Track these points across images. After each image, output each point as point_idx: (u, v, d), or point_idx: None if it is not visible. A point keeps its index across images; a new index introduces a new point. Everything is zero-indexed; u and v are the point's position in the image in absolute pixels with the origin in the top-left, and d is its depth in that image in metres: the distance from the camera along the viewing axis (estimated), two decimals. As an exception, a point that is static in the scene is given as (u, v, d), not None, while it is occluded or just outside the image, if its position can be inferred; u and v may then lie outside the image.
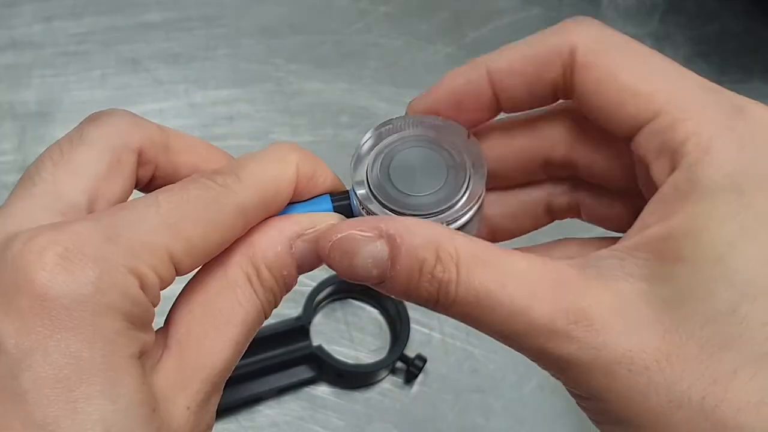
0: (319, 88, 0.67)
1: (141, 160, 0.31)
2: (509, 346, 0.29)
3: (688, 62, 0.70)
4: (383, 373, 0.57)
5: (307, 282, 0.60)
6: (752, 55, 0.70)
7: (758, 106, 0.29)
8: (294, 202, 0.32)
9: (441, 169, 0.32)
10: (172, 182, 0.31)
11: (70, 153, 0.30)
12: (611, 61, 0.30)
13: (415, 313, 0.59)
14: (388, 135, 0.34)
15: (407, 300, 0.30)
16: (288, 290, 0.32)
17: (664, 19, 0.72)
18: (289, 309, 0.58)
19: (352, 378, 0.57)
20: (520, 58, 0.32)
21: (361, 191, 0.33)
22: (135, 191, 0.32)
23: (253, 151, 0.68)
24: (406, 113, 0.35)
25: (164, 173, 0.32)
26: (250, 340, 0.31)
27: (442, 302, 0.29)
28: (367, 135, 0.34)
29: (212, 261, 0.30)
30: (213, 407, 0.30)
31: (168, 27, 0.69)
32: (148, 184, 0.32)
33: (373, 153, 0.34)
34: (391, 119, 0.34)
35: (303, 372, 0.57)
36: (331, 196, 0.33)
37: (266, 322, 0.60)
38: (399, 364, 0.57)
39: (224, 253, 0.30)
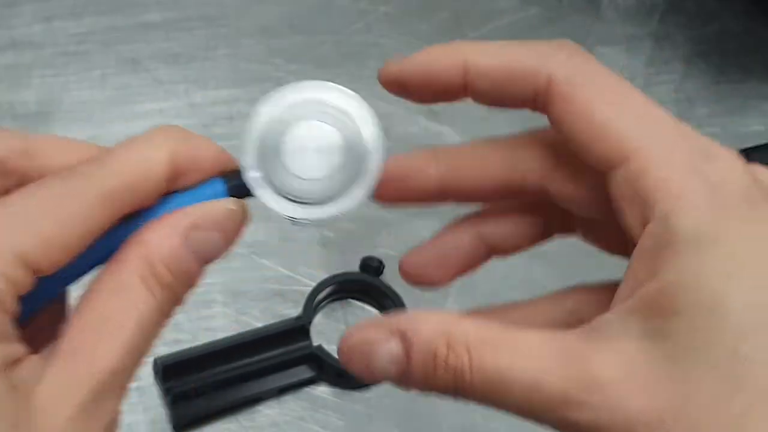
0: (319, 88, 0.67)
1: (1, 170, 0.30)
2: (533, 421, 0.29)
3: (687, 62, 0.70)
4: (383, 373, 0.57)
5: (307, 282, 0.60)
6: (752, 55, 0.70)
7: (727, 152, 0.30)
8: (183, 190, 0.30)
9: (336, 150, 0.32)
10: None
11: None
12: (587, 96, 0.30)
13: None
14: (279, 102, 0.32)
15: (429, 393, 0.30)
16: (192, 285, 0.31)
17: (664, 19, 0.72)
18: (289, 309, 0.58)
19: (353, 378, 0.57)
20: (498, 66, 0.32)
21: (256, 175, 0.31)
22: None
23: (253, 151, 0.68)
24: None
25: (31, 179, 0.30)
26: (152, 340, 0.30)
27: (460, 389, 0.29)
28: (261, 105, 0.32)
29: (106, 268, 0.29)
30: (108, 415, 0.28)
31: (168, 27, 0.69)
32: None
33: (261, 127, 0.32)
34: (286, 86, 0.33)
35: (303, 372, 0.57)
36: (223, 178, 0.31)
37: (266, 322, 0.60)
38: (399, 364, 0.57)
39: (116, 256, 0.29)
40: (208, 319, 0.58)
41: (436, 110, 0.67)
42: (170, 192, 0.30)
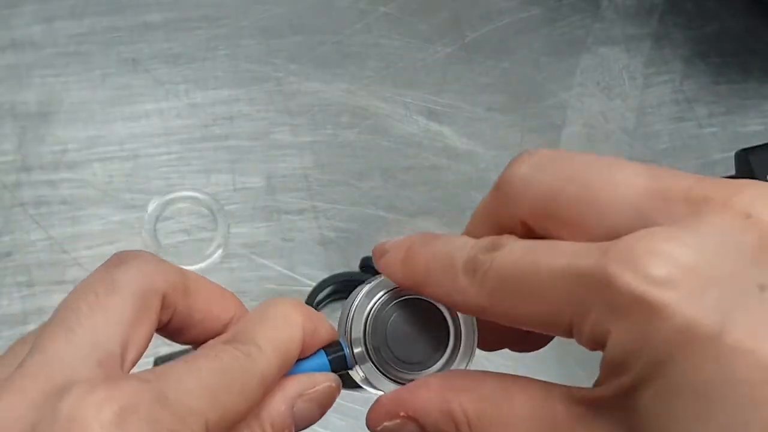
0: (319, 88, 0.67)
1: (163, 304, 0.32)
2: None
3: (687, 62, 0.70)
4: (383, 373, 0.57)
5: (307, 282, 0.60)
6: (751, 55, 0.71)
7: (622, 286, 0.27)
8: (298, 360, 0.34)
9: (435, 333, 0.34)
10: (187, 325, 0.33)
11: (105, 299, 0.31)
12: (553, 227, 0.29)
13: None
14: (380, 290, 0.34)
15: None
16: None
17: (664, 20, 0.72)
18: (289, 309, 0.59)
19: (353, 378, 0.57)
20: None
21: (357, 350, 0.34)
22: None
23: (254, 150, 0.68)
24: None
25: (181, 316, 0.33)
26: None
27: None
28: (363, 290, 0.35)
29: None
30: None
31: (168, 27, 0.69)
32: (164, 327, 0.33)
33: (371, 309, 0.34)
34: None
35: (303, 372, 0.57)
36: (325, 351, 0.34)
37: (266, 322, 0.60)
38: (399, 364, 0.57)
39: None
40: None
41: (436, 110, 0.67)
42: None
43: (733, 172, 0.57)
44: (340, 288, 0.59)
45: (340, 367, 0.34)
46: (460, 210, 0.63)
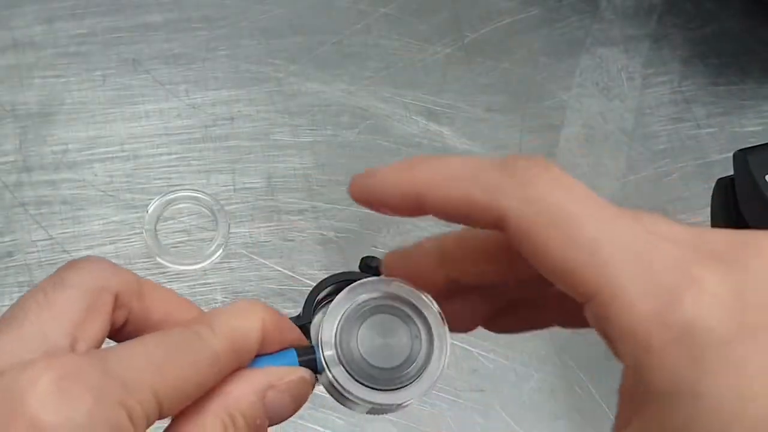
0: (319, 88, 0.67)
1: (116, 304, 0.32)
2: None
3: (685, 63, 0.70)
4: (383, 373, 0.57)
5: (307, 282, 0.60)
6: (750, 56, 0.71)
7: (694, 286, 0.26)
8: (261, 355, 0.34)
9: (407, 341, 0.34)
10: (145, 327, 0.33)
11: (53, 295, 0.31)
12: (541, 235, 0.28)
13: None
14: (358, 295, 0.35)
15: None
16: None
17: (662, 20, 0.72)
18: (289, 309, 0.59)
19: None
20: (449, 203, 0.32)
21: (328, 352, 0.34)
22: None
23: (254, 150, 0.68)
24: (378, 271, 0.36)
25: (137, 318, 0.33)
26: None
27: None
28: (339, 295, 0.35)
29: (188, 411, 0.31)
30: None
31: (169, 28, 0.69)
32: (120, 329, 0.33)
33: (341, 312, 0.35)
34: (364, 280, 0.36)
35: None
36: (296, 351, 0.34)
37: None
38: (398, 364, 0.57)
39: (199, 402, 0.31)
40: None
41: (436, 111, 0.67)
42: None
43: (731, 173, 0.57)
44: (340, 288, 0.59)
45: (311, 369, 0.34)
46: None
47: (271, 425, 0.33)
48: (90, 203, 0.62)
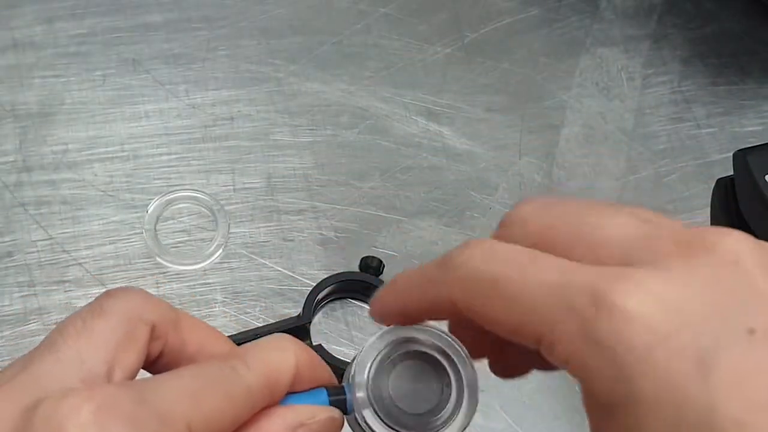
0: (319, 88, 0.67)
1: (153, 335, 0.33)
2: None
3: (685, 63, 0.70)
4: (383, 373, 0.57)
5: (307, 282, 0.60)
6: (750, 56, 0.71)
7: (607, 303, 0.27)
8: (292, 393, 0.34)
9: (437, 388, 0.34)
10: (179, 359, 0.33)
11: (92, 322, 0.32)
12: (479, 307, 0.29)
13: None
14: (391, 339, 0.35)
15: None
16: None
17: (662, 20, 0.72)
18: (289, 309, 0.59)
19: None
20: (413, 302, 0.33)
21: (360, 394, 0.34)
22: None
23: (254, 150, 0.68)
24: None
25: (172, 350, 0.33)
26: None
27: None
28: (373, 338, 0.35)
29: None
30: None
31: (169, 28, 0.69)
32: (155, 360, 0.34)
33: (374, 355, 0.35)
34: (401, 327, 0.35)
35: (303, 371, 0.57)
36: (327, 390, 0.35)
37: (266, 322, 0.61)
38: (398, 364, 0.57)
39: None
40: (209, 319, 0.58)
41: (435, 111, 0.67)
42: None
43: (731, 173, 0.57)
44: (340, 288, 0.59)
45: (340, 409, 0.35)
46: (460, 210, 0.63)
47: None
48: (90, 203, 0.62)
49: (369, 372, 0.34)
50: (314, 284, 0.59)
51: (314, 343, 0.57)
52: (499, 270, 0.29)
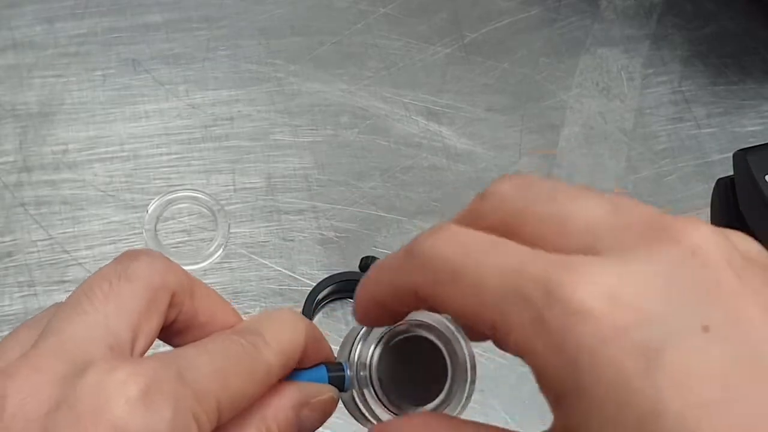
0: (319, 88, 0.67)
1: (171, 302, 0.33)
2: None
3: (685, 63, 0.70)
4: (383, 373, 0.57)
5: (307, 282, 0.60)
6: (750, 56, 0.71)
7: (557, 294, 0.26)
8: (296, 369, 0.34)
9: (435, 370, 0.34)
10: (191, 327, 0.33)
11: (118, 286, 0.31)
12: (446, 293, 0.29)
13: (414, 312, 0.59)
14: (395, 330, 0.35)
15: None
16: None
17: (662, 20, 0.72)
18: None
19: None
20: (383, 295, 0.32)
21: (362, 373, 0.35)
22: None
23: (254, 150, 0.68)
24: None
25: (185, 317, 0.34)
26: None
27: None
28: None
29: (229, 422, 0.31)
30: None
31: (168, 28, 0.69)
32: (167, 327, 0.34)
33: (377, 336, 0.35)
34: None
35: (303, 371, 0.57)
36: (327, 367, 0.35)
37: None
38: (398, 364, 0.57)
39: (240, 413, 0.32)
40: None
41: (436, 111, 0.67)
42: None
43: (731, 173, 0.57)
44: (340, 288, 0.59)
45: (338, 386, 0.35)
46: (460, 210, 0.63)
47: None
48: (90, 203, 0.62)
49: (372, 352, 0.35)
50: (314, 284, 0.59)
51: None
52: (459, 258, 0.28)
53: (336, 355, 0.36)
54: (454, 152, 0.65)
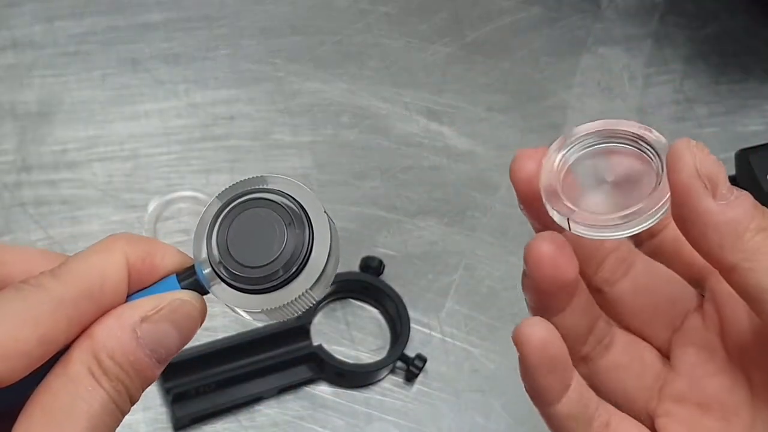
0: (319, 88, 0.67)
1: None
2: None
3: (687, 62, 0.70)
4: (383, 373, 0.57)
5: (307, 282, 0.60)
6: (751, 55, 0.71)
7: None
8: (137, 291, 0.31)
9: (281, 231, 0.31)
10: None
11: None
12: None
13: (415, 313, 0.59)
14: (224, 200, 0.32)
15: None
16: (147, 379, 0.31)
17: (664, 20, 0.72)
18: (289, 309, 0.59)
19: (352, 378, 0.57)
20: None
21: (206, 270, 0.31)
22: None
23: (254, 150, 0.68)
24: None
25: None
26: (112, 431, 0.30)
27: None
28: (207, 207, 0.32)
29: (57, 363, 0.30)
30: None
31: (168, 27, 0.69)
32: None
33: (213, 224, 0.32)
34: (241, 181, 0.32)
35: (303, 372, 0.57)
36: (177, 276, 0.32)
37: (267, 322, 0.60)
38: (399, 364, 0.57)
39: (67, 352, 0.30)
40: (208, 319, 0.58)
41: (436, 110, 0.67)
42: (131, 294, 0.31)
43: (733, 172, 0.57)
44: (340, 288, 0.59)
45: (197, 290, 0.32)
46: (461, 210, 0.63)
47: (162, 360, 0.31)
48: (89, 203, 0.62)
49: (209, 243, 0.31)
50: (314, 284, 0.59)
51: (314, 343, 0.57)
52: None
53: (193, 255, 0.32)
54: (455, 152, 0.65)
